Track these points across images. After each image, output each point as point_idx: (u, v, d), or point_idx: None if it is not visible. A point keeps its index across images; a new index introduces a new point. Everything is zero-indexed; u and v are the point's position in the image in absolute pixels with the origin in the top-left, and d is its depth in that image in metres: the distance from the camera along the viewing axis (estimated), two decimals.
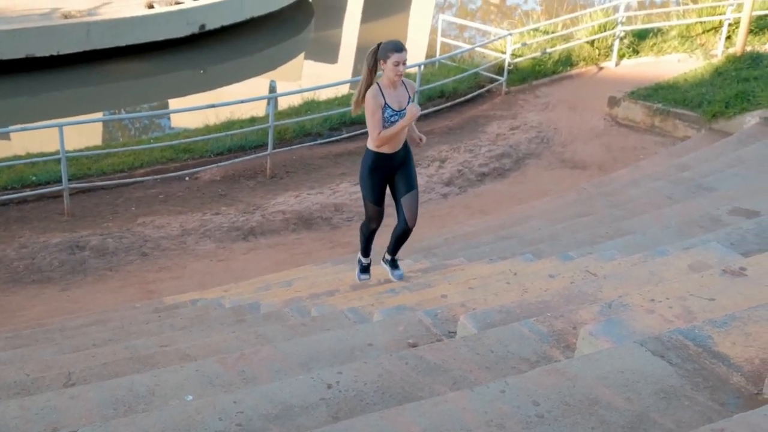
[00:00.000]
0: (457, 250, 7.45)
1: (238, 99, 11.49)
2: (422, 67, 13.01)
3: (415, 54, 18.00)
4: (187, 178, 11.12)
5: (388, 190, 5.82)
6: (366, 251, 6.28)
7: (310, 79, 17.41)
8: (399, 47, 5.29)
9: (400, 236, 5.90)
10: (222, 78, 17.55)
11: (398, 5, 24.58)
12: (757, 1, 16.07)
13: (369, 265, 6.32)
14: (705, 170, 9.10)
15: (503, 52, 14.36)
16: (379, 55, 5.33)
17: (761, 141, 10.15)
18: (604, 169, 11.43)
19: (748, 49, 14.17)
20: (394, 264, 6.15)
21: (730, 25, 15.15)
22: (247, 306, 6.10)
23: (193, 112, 12.76)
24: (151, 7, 17.38)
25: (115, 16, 16.85)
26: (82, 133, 13.54)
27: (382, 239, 6.54)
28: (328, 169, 11.56)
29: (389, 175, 5.65)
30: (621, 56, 15.31)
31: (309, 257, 9.19)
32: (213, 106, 11.07)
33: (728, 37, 15.14)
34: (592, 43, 15.30)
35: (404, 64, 5.29)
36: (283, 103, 14.35)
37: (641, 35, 15.72)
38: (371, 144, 5.55)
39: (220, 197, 10.71)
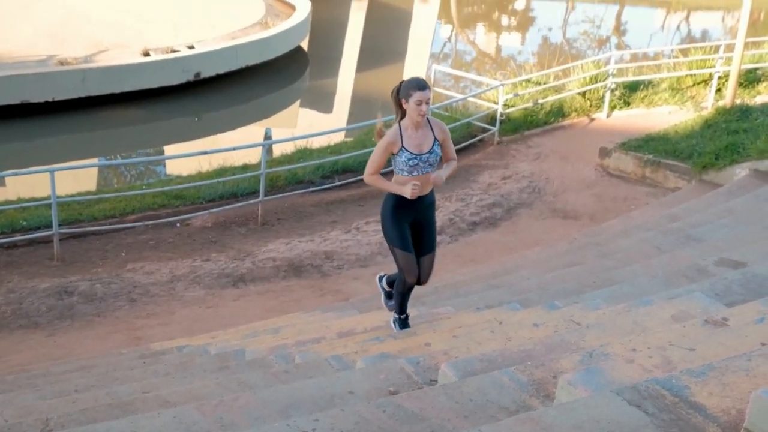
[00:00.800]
0: (445, 298, 7.42)
1: (230, 146, 11.56)
2: None
3: None
4: (178, 225, 11.13)
5: None
6: (402, 308, 5.66)
7: (305, 127, 17.52)
8: (422, 85, 4.93)
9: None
10: (217, 125, 17.66)
11: (394, 55, 24.87)
12: (747, 55, 16.30)
13: (407, 317, 5.72)
14: (694, 221, 9.13)
15: (496, 103, 14.49)
16: (400, 94, 5.00)
17: (751, 192, 10.20)
18: (595, 219, 11.46)
19: (738, 101, 14.32)
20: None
21: (720, 77, 15.34)
22: (233, 353, 6.06)
23: (188, 159, 12.82)
24: (147, 54, 17.56)
25: (111, 63, 17.01)
26: (77, 178, 13.58)
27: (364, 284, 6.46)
28: (320, 217, 11.58)
29: (414, 223, 5.27)
30: (612, 108, 15.46)
31: (298, 305, 9.16)
32: (205, 152, 11.13)
33: (718, 90, 15.32)
34: (583, 94, 15.46)
35: (428, 103, 4.93)
36: (277, 151, 14.43)
37: (632, 87, 15.90)
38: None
39: (211, 244, 10.71)
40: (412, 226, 5.26)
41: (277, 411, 3.58)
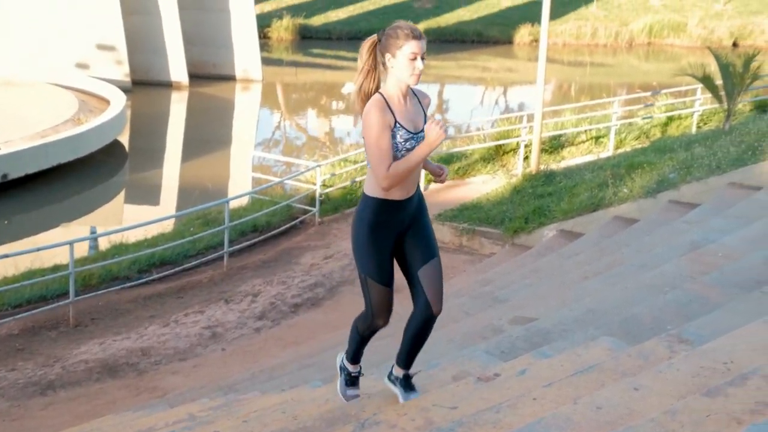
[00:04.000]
0: (258, 383, 7.28)
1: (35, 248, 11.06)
2: (229, 203, 12.97)
3: (239, 189, 17.97)
4: None
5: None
6: (356, 356, 4.30)
7: (131, 221, 17.00)
8: (416, 32, 3.65)
9: (420, 330, 3.96)
10: (31, 227, 16.83)
11: (219, 144, 24.71)
12: (550, 123, 17.30)
13: (358, 375, 4.33)
14: (503, 283, 9.42)
15: (315, 184, 14.63)
16: (382, 46, 3.69)
17: (556, 252, 10.67)
18: None
19: (543, 167, 15.09)
20: (408, 384, 4.04)
21: (526, 146, 16.12)
22: None
23: None
24: None
25: None
26: None
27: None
28: (137, 313, 11.17)
29: (399, 234, 3.88)
30: (429, 181, 15.91)
31: (112, 406, 8.71)
32: (6, 256, 10.57)
33: (526, 158, 16.09)
34: None
35: (423, 58, 3.66)
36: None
37: (447, 160, 16.45)
38: (374, 188, 3.78)
39: (17, 352, 10.09)
40: (400, 237, 3.91)
41: None
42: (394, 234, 3.86)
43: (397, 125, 3.66)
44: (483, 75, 38.83)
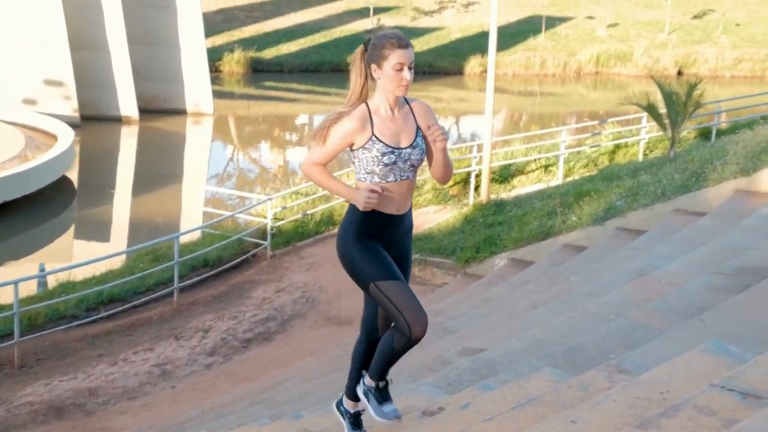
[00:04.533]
0: (206, 421, 7.18)
1: None
2: (180, 238, 12.85)
3: (190, 224, 17.78)
4: None
5: None
6: (384, 371, 3.95)
7: (81, 258, 16.71)
8: (403, 41, 3.51)
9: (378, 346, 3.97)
10: None
11: (171, 178, 24.53)
12: (500, 153, 17.46)
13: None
14: (454, 313, 9.43)
15: (266, 217, 14.56)
16: (368, 57, 3.56)
17: (507, 281, 10.72)
18: None
19: (494, 196, 15.20)
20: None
21: (476, 175, 16.23)
22: None
23: None
24: None
25: None
26: None
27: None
28: (84, 352, 10.97)
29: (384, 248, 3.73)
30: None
31: None
32: None
33: (477, 187, 16.18)
34: None
35: (411, 68, 3.51)
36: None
37: None
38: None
39: None
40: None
41: None
42: (383, 245, 3.71)
43: (373, 139, 3.54)
44: (435, 105, 39.09)
